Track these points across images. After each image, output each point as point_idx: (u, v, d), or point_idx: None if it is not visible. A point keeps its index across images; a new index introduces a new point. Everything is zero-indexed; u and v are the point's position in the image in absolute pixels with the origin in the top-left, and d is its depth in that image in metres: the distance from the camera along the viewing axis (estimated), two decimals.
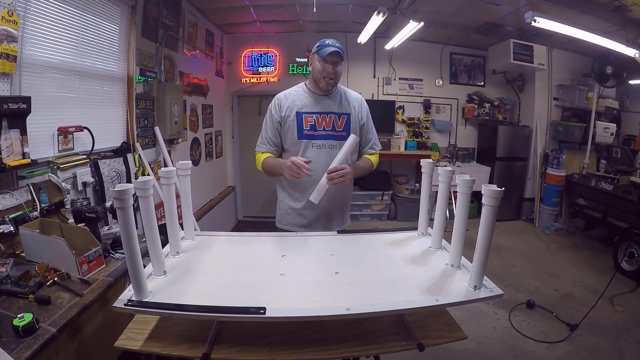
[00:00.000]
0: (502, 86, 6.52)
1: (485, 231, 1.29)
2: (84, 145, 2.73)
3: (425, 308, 1.29)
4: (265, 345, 1.36)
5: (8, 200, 2.05)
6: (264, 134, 2.13)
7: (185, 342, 1.36)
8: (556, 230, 5.63)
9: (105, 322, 1.80)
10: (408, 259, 1.63)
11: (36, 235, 1.88)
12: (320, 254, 1.69)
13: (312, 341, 1.38)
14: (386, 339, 1.40)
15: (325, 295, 1.32)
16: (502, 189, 1.25)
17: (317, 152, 2.05)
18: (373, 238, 1.88)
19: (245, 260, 1.63)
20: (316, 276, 1.36)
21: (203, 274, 1.49)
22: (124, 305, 1.25)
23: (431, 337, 1.41)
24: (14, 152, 2.04)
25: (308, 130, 2.06)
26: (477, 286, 1.35)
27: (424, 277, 1.46)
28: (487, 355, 2.93)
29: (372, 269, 1.55)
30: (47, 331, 1.44)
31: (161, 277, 1.43)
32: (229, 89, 6.12)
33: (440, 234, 1.72)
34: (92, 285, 1.77)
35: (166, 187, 1.57)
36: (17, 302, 1.60)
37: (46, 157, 2.39)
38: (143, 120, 3.56)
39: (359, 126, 2.16)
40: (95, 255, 1.89)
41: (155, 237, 1.39)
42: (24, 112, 2.08)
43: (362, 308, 1.23)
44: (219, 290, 1.36)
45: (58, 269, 1.82)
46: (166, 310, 1.24)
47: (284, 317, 1.22)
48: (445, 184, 1.65)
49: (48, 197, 2.29)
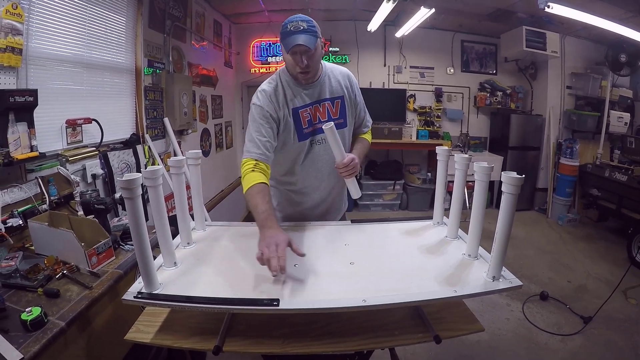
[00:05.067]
0: (515, 74, 6.42)
1: (505, 220, 1.25)
2: (92, 137, 2.72)
3: (443, 299, 1.25)
4: (278, 337, 1.32)
5: (17, 193, 2.04)
6: (257, 135, 1.71)
7: (196, 335, 1.34)
8: (569, 221, 5.55)
9: (115, 315, 1.77)
10: (424, 249, 1.58)
11: (45, 228, 1.86)
12: (334, 243, 1.65)
13: (327, 333, 1.34)
14: (402, 330, 1.36)
15: (340, 286, 1.28)
16: (522, 177, 1.21)
17: (318, 149, 1.85)
18: (387, 227, 1.83)
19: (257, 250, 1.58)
20: (331, 267, 1.32)
21: (214, 265, 1.46)
22: (133, 297, 1.22)
23: (448, 329, 1.37)
24: (21, 146, 2.02)
25: (307, 128, 1.80)
26: (496, 277, 1.30)
27: (441, 267, 1.41)
28: (500, 348, 2.91)
29: (387, 259, 1.50)
30: (55, 325, 1.41)
31: (172, 269, 1.41)
32: (238, 79, 6.10)
33: (456, 224, 1.67)
34: (101, 278, 1.74)
35: (176, 177, 1.53)
36: (26, 296, 1.58)
37: (55, 150, 2.38)
38: (152, 112, 3.55)
39: (353, 107, 1.92)
40: (104, 247, 1.86)
41: (165, 227, 1.36)
42: (30, 105, 2.06)
43: (379, 299, 1.19)
44: (230, 282, 1.33)
45: (67, 262, 1.80)
46: (177, 302, 1.21)
47: (298, 309, 1.19)
48: (462, 172, 1.60)
49: (57, 189, 2.27)
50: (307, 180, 1.91)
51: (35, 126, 2.12)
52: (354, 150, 1.91)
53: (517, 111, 6.31)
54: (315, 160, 1.86)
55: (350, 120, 1.91)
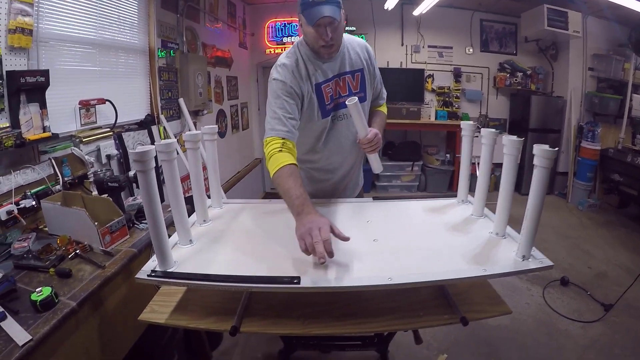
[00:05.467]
0: (535, 55, 6.25)
1: (537, 195, 1.17)
2: (106, 118, 2.69)
3: (472, 278, 1.20)
4: (298, 317, 1.27)
5: (30, 175, 2.01)
6: (282, 112, 1.57)
7: (212, 315, 1.29)
8: (590, 206, 5.42)
9: (129, 294, 1.73)
10: (449, 227, 1.51)
11: (57, 207, 1.83)
12: (356, 220, 1.58)
13: (349, 313, 1.29)
14: (427, 311, 1.30)
15: (363, 264, 1.22)
16: (555, 150, 1.15)
17: (340, 125, 1.78)
18: (410, 205, 1.76)
19: (276, 228, 1.52)
20: (353, 244, 1.25)
21: (231, 242, 1.40)
22: (147, 276, 1.17)
23: (474, 311, 1.30)
24: (34, 127, 2.00)
25: (329, 104, 1.71)
26: (526, 256, 1.23)
27: (467, 245, 1.34)
28: (520, 332, 2.86)
29: (411, 237, 1.43)
30: (66, 305, 1.38)
31: (187, 246, 1.35)
32: (253, 60, 6.03)
33: (482, 201, 1.59)
34: (114, 257, 1.70)
35: (192, 152, 1.48)
36: (38, 277, 1.55)
37: (68, 132, 2.35)
38: (167, 92, 3.52)
39: (372, 79, 1.83)
40: (118, 226, 1.82)
41: (180, 203, 1.31)
42: (42, 85, 2.03)
43: (405, 278, 1.13)
44: (248, 260, 1.27)
45: (80, 242, 1.76)
46: (192, 280, 1.15)
47: (320, 288, 1.12)
48: (489, 147, 1.52)
49: (71, 170, 2.25)
50: (330, 158, 1.84)
51: (48, 107, 2.09)
52: (373, 124, 1.83)
53: (537, 92, 6.16)
54: (337, 136, 1.79)
55: (370, 93, 1.84)
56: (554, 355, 2.64)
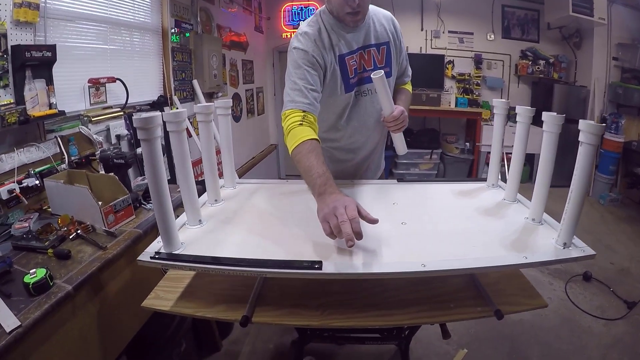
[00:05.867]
0: (558, 43, 6.06)
1: (582, 176, 1.06)
2: (117, 98, 2.62)
3: (513, 266, 1.06)
4: (316, 307, 1.15)
5: (34, 153, 1.93)
6: (303, 83, 1.44)
7: (222, 303, 1.18)
8: (611, 200, 5.24)
9: (132, 279, 1.63)
10: (481, 211, 1.38)
11: (60, 185, 1.74)
12: (381, 202, 1.46)
13: (372, 304, 1.17)
14: (458, 303, 1.18)
15: (392, 249, 1.09)
16: (603, 125, 1.05)
17: (364, 101, 1.65)
18: (438, 188, 1.63)
19: (294, 209, 1.41)
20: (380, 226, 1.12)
21: (245, 223, 1.29)
22: (150, 258, 1.06)
23: (508, 304, 1.18)
24: (39, 103, 1.92)
25: (353, 78, 1.58)
26: (567, 244, 1.11)
27: (503, 232, 1.21)
28: (543, 328, 2.76)
29: (442, 221, 1.31)
30: (61, 289, 1.28)
31: (196, 227, 1.24)
32: (269, 45, 5.94)
33: (515, 185, 1.46)
34: (117, 238, 1.60)
35: (204, 125, 1.36)
36: (36, 258, 1.46)
37: (77, 111, 2.29)
38: (180, 73, 3.44)
39: (398, 54, 1.70)
40: (123, 205, 1.71)
41: (189, 179, 1.20)
42: (49, 60, 1.95)
43: (440, 264, 1.00)
44: (263, 242, 1.15)
45: (83, 222, 1.66)
46: (200, 264, 1.04)
47: (345, 274, 0.99)
48: (524, 125, 1.41)
49: (78, 149, 2.16)
50: (353, 137, 1.72)
51: (56, 85, 2.03)
52: (399, 102, 1.69)
53: (560, 81, 5.97)
54: (361, 113, 1.66)
55: (395, 69, 1.71)
56: (577, 353, 2.53)
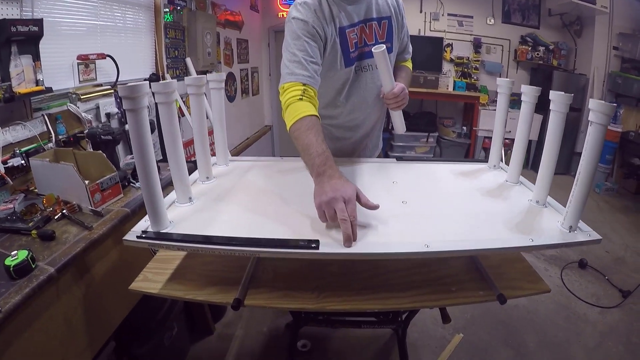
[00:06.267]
0: (558, 29, 6.00)
1: (591, 157, 1.00)
2: (107, 76, 2.53)
3: (519, 249, 1.03)
4: (312, 290, 1.11)
5: (20, 132, 1.84)
6: (302, 55, 1.37)
7: (213, 285, 1.13)
8: (607, 190, 5.24)
9: (120, 261, 1.56)
10: (484, 192, 1.33)
11: (46, 164, 1.66)
12: (380, 181, 1.41)
13: (370, 287, 1.12)
14: (459, 286, 1.14)
15: (392, 228, 1.04)
16: (614, 104, 0.98)
17: (365, 77, 1.58)
18: (438, 168, 1.58)
19: (290, 186, 1.35)
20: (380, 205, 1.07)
21: (238, 201, 1.23)
22: (136, 237, 1.00)
23: (510, 288, 1.14)
24: (25, 80, 1.83)
25: (354, 52, 1.51)
26: (573, 227, 1.07)
27: (506, 213, 1.17)
28: (538, 314, 2.76)
29: (444, 201, 1.26)
30: (44, 271, 1.21)
31: (186, 205, 1.18)
32: (265, 24, 5.78)
33: (518, 167, 1.41)
34: (104, 217, 1.53)
35: (195, 98, 1.30)
36: (20, 240, 1.39)
37: (66, 89, 2.19)
38: (173, 51, 3.35)
39: (400, 30, 1.64)
40: (110, 183, 1.64)
41: (178, 154, 1.13)
42: (35, 35, 1.85)
43: (444, 245, 0.95)
44: (257, 221, 1.09)
45: (69, 201, 1.59)
46: (189, 243, 0.98)
47: (344, 254, 0.94)
48: (530, 105, 1.37)
49: (66, 128, 2.07)
50: (351, 114, 1.65)
51: (44, 62, 1.94)
52: (399, 79, 1.63)
53: (559, 68, 5.93)
54: (361, 89, 1.59)
55: (396, 45, 1.64)
56: (573, 340, 2.52)
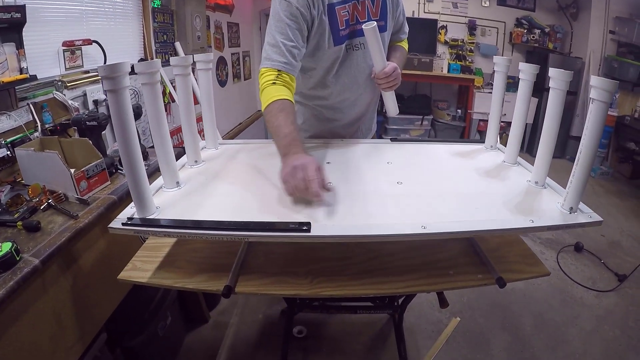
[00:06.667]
0: (554, 12, 5.93)
1: (592, 136, 0.99)
2: (94, 62, 2.46)
3: (519, 230, 1.01)
4: (305, 275, 1.08)
5: (5, 122, 1.78)
6: (281, 39, 1.35)
7: (203, 272, 1.10)
8: (602, 174, 5.22)
9: (109, 250, 1.52)
10: (482, 173, 1.29)
11: (31, 154, 1.61)
12: (375, 161, 1.37)
13: (366, 271, 1.09)
14: (457, 270, 1.11)
15: (388, 209, 1.01)
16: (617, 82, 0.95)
17: (356, 56, 1.52)
18: (434, 148, 1.54)
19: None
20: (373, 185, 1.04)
21: (227, 185, 1.19)
22: (122, 224, 0.96)
23: (510, 271, 1.12)
24: (9, 68, 1.77)
25: (344, 30, 1.44)
26: (574, 208, 1.05)
27: (506, 194, 1.14)
28: (535, 298, 2.75)
29: (441, 181, 1.23)
30: (28, 263, 1.16)
31: (173, 190, 1.14)
32: (256, 7, 5.61)
33: (516, 147, 1.37)
34: (90, 206, 1.48)
35: (181, 79, 1.25)
36: (5, 232, 1.34)
37: (52, 77, 2.14)
38: (162, 35, 3.27)
39: (395, 7, 1.57)
40: (96, 170, 1.59)
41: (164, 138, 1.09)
42: (18, 22, 1.79)
43: (442, 226, 0.92)
44: (247, 205, 1.05)
45: (55, 191, 1.55)
46: (176, 229, 0.94)
47: (337, 237, 0.90)
48: (528, 83, 1.35)
49: (52, 116, 2.01)
50: (342, 94, 1.60)
51: (28, 50, 1.88)
52: (393, 59, 1.58)
53: (554, 52, 5.89)
54: (352, 69, 1.53)
55: (391, 24, 1.57)
56: (569, 324, 2.52)
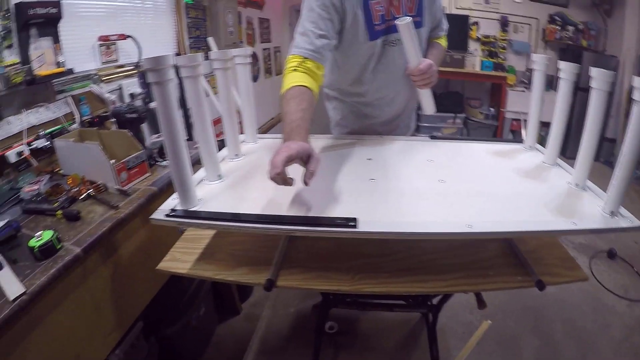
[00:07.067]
0: (587, 9, 5.74)
1: (635, 138, 0.93)
2: (129, 57, 2.51)
3: (562, 232, 0.99)
4: (346, 271, 1.06)
5: (44, 114, 1.84)
6: (310, 27, 1.32)
7: (244, 265, 1.10)
8: (637, 178, 5.04)
9: (148, 240, 1.54)
10: (522, 173, 1.26)
11: (70, 144, 1.65)
12: (415, 158, 1.35)
13: (406, 269, 1.07)
14: (497, 271, 1.08)
15: (431, 207, 0.99)
16: None
17: (392, 52, 1.47)
18: (473, 147, 1.51)
19: (322, 164, 1.29)
20: (415, 183, 1.03)
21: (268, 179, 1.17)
22: (164, 216, 0.97)
23: (548, 274, 1.08)
24: (46, 62, 1.83)
25: (379, 25, 1.40)
26: (614, 212, 1.01)
27: (546, 196, 1.10)
28: (567, 303, 2.67)
29: (482, 181, 1.20)
30: (69, 251, 1.18)
31: (215, 183, 1.15)
32: (287, 3, 5.63)
33: (557, 148, 1.33)
34: (131, 196, 1.51)
35: (221, 73, 1.25)
36: (45, 221, 1.37)
37: (87, 71, 2.18)
38: (195, 31, 3.32)
39: (432, 3, 1.53)
40: (136, 162, 1.62)
41: (207, 130, 1.10)
42: (54, 17, 1.85)
43: (487, 226, 0.90)
44: (289, 198, 1.04)
45: (94, 181, 1.58)
46: (220, 221, 0.95)
47: (383, 233, 0.89)
48: (569, 82, 1.27)
49: (90, 109, 2.07)
50: (379, 91, 1.58)
51: (65, 44, 1.94)
52: (429, 56, 1.55)
53: (588, 49, 5.71)
54: (389, 65, 1.50)
55: (428, 20, 1.54)
56: (600, 332, 2.45)
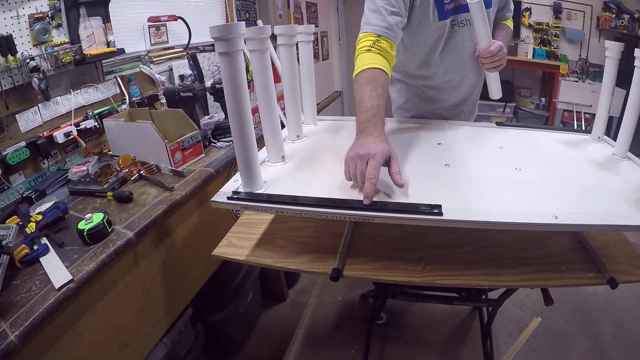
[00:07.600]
0: None
1: None
2: (179, 38, 2.49)
3: None
4: (417, 262, 1.01)
5: (92, 94, 1.82)
6: (382, 4, 1.23)
7: (306, 253, 1.05)
8: None
9: (202, 224, 1.49)
10: (595, 165, 1.18)
11: (121, 124, 1.63)
12: (485, 145, 1.28)
13: (477, 261, 1.02)
14: (569, 267, 1.02)
15: (512, 196, 0.94)
16: None
17: (461, 33, 1.41)
18: (541, 135, 1.42)
19: None
20: (492, 170, 0.97)
21: (334, 162, 1.11)
22: (227, 198, 0.93)
23: (619, 272, 1.02)
24: (96, 42, 1.80)
25: (449, 3, 1.33)
26: None
27: (622, 188, 1.02)
28: (617, 305, 2.57)
29: (557, 170, 1.12)
30: (121, 235, 1.13)
31: (279, 164, 1.11)
32: None
33: (628, 140, 1.25)
34: (186, 178, 1.46)
35: (286, 49, 1.21)
36: (94, 202, 1.34)
37: (137, 52, 2.17)
38: (244, 13, 3.30)
39: None
40: (191, 142, 1.58)
41: (272, 107, 1.05)
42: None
43: (575, 217, 0.84)
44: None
45: (146, 162, 1.55)
46: (289, 205, 0.90)
47: (472, 222, 0.82)
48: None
49: (140, 89, 2.05)
50: (447, 74, 1.51)
51: (114, 25, 1.91)
52: (498, 37, 1.46)
53: None
54: (457, 47, 1.43)
55: (496, 0, 1.47)
56: None
